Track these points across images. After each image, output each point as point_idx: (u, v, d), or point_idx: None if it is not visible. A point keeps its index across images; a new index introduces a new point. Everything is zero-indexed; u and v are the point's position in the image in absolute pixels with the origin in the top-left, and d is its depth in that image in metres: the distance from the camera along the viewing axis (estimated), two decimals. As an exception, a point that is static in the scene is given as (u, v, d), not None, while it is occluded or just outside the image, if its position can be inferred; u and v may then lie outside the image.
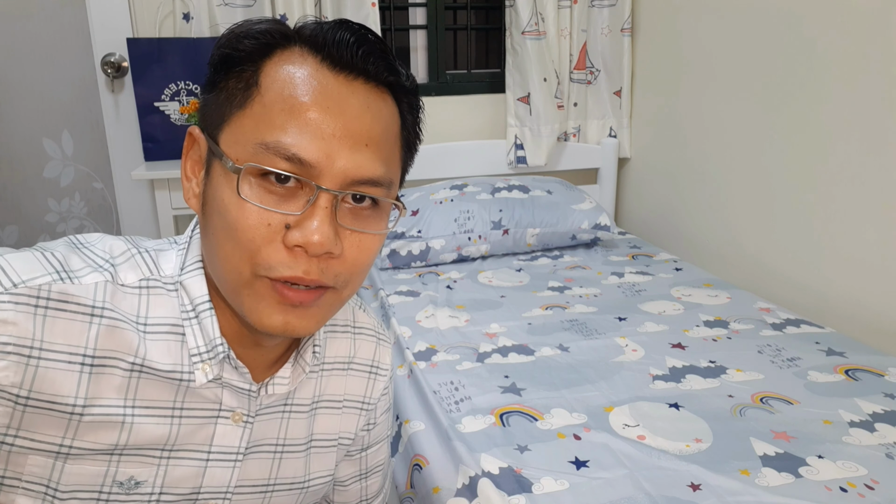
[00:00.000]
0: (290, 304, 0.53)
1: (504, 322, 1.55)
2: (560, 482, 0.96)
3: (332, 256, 0.53)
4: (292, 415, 0.67)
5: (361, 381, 0.72)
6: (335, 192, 0.52)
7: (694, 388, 1.24)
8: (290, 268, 0.52)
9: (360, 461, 0.78)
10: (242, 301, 0.54)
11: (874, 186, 1.50)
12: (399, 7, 2.36)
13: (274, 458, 0.66)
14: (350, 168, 0.52)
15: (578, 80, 2.41)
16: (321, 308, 0.56)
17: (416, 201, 2.05)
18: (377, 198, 0.56)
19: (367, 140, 0.53)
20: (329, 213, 0.52)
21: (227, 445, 0.61)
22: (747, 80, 1.86)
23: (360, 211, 0.55)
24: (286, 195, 0.52)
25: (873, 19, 1.46)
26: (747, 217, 1.90)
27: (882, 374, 1.27)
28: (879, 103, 1.47)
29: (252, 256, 0.52)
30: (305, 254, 0.52)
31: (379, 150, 0.54)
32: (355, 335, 0.72)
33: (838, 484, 0.95)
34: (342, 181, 0.52)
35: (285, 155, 0.51)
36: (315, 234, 0.51)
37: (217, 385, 0.59)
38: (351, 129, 0.52)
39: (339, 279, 0.55)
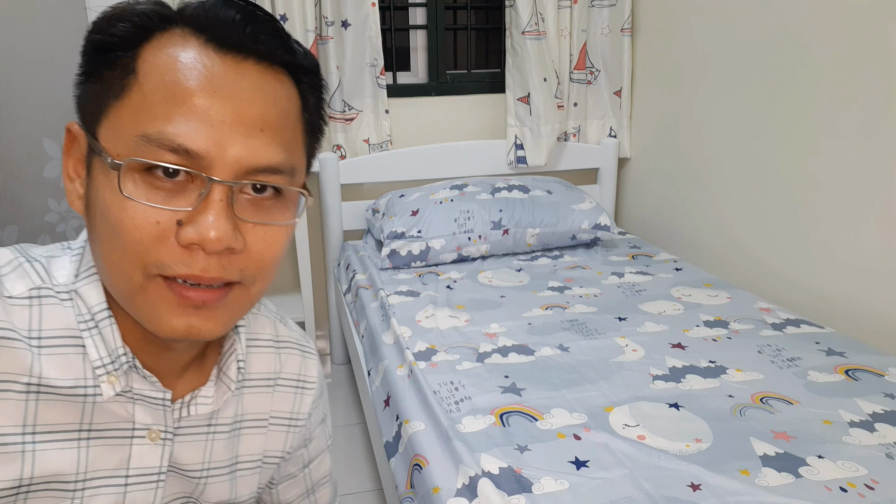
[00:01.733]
0: (193, 305, 0.49)
1: (504, 322, 1.55)
2: (560, 482, 0.96)
3: (234, 252, 0.49)
4: (216, 436, 0.62)
5: (288, 398, 0.68)
6: (229, 182, 0.48)
7: (694, 388, 1.24)
8: (187, 265, 0.47)
9: (304, 479, 0.75)
10: (138, 308, 0.49)
11: (874, 186, 1.50)
12: (399, 7, 2.36)
13: (199, 482, 0.62)
14: (244, 156, 0.48)
15: (578, 80, 2.41)
16: (228, 308, 0.51)
17: (416, 201, 2.05)
18: (279, 186, 0.51)
19: (262, 125, 0.49)
20: (225, 206, 0.48)
21: (145, 467, 0.56)
22: (747, 81, 1.86)
23: (261, 202, 0.51)
24: (175, 190, 0.47)
25: (871, 21, 1.46)
26: (747, 217, 1.90)
27: (882, 374, 1.27)
28: (879, 103, 1.47)
29: (141, 258, 0.47)
30: (202, 252, 0.47)
31: (277, 135, 0.50)
32: (279, 350, 0.68)
33: (838, 484, 0.95)
34: (237, 171, 0.48)
35: (170, 146, 0.46)
36: (210, 230, 0.46)
37: (128, 400, 0.54)
38: (243, 113, 0.48)
39: (245, 274, 0.51)
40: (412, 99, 2.36)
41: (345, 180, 2.23)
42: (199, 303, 0.49)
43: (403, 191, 2.15)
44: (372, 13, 2.15)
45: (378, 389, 1.41)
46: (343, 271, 2.16)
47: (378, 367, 1.46)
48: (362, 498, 1.68)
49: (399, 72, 2.43)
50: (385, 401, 1.33)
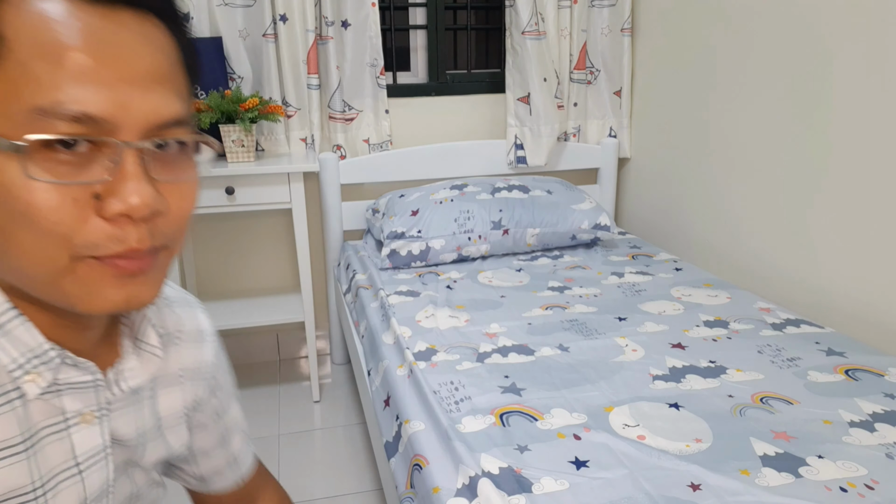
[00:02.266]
0: (129, 274, 0.47)
1: (504, 322, 1.55)
2: (560, 482, 0.96)
3: (159, 215, 0.47)
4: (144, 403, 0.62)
5: (191, 350, 0.68)
6: (140, 144, 0.45)
7: (694, 388, 1.24)
8: (121, 241, 0.45)
9: (218, 428, 0.75)
10: (65, 290, 0.46)
11: (874, 186, 1.50)
12: (399, 7, 2.36)
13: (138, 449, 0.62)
14: (148, 112, 0.45)
15: (578, 80, 2.41)
16: (159, 270, 0.50)
17: (416, 201, 2.05)
18: (184, 139, 0.49)
19: (157, 76, 0.46)
20: (141, 169, 0.45)
21: (91, 448, 0.56)
22: (747, 80, 1.86)
23: (166, 158, 0.48)
24: (81, 162, 0.44)
25: (874, 18, 1.46)
26: (747, 217, 1.90)
27: (882, 374, 1.27)
28: (880, 103, 1.47)
29: (66, 241, 0.44)
30: (131, 221, 0.45)
31: (172, 86, 0.48)
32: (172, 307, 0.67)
33: (838, 484, 0.95)
34: (144, 130, 0.45)
35: (71, 115, 0.42)
36: (134, 197, 0.44)
37: (53, 395, 0.52)
38: (135, 67, 0.45)
39: (168, 236, 0.49)
40: (412, 99, 2.36)
41: (345, 180, 2.23)
42: (136, 270, 0.47)
43: (403, 191, 2.15)
44: (372, 13, 2.15)
45: (378, 389, 1.41)
46: (343, 271, 2.16)
47: (378, 367, 1.46)
48: (362, 498, 1.68)
49: (399, 72, 2.43)
50: (385, 401, 1.33)
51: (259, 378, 2.32)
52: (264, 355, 2.46)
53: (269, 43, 2.05)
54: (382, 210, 2.10)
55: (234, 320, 2.03)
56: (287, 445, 1.91)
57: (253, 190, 1.93)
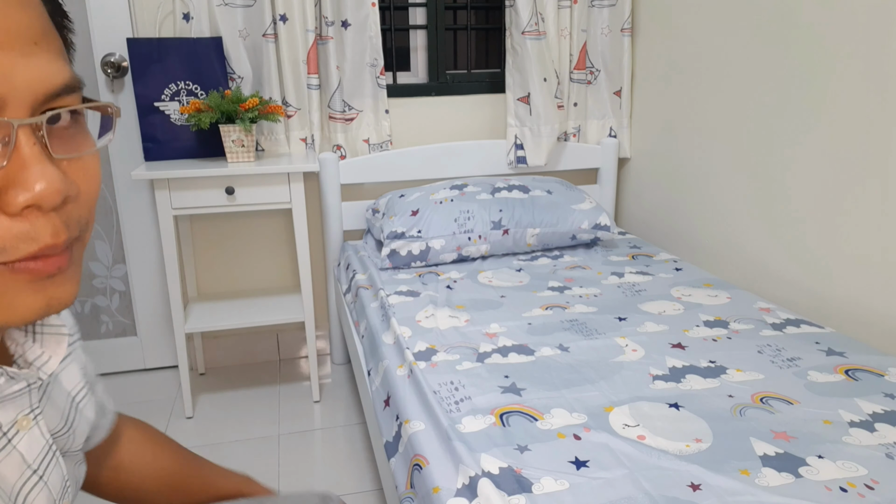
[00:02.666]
0: (46, 276, 0.41)
1: (504, 322, 1.55)
2: (560, 482, 0.96)
3: (70, 200, 0.41)
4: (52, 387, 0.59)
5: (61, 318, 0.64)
6: (33, 120, 0.38)
7: (694, 388, 1.24)
8: (34, 239, 0.39)
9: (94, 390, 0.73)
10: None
11: (874, 186, 1.50)
12: (399, 7, 2.36)
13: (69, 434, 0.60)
14: (34, 81, 0.38)
15: (578, 80, 2.41)
16: (76, 263, 0.44)
17: (416, 201, 2.05)
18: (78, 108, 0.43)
19: (34, 37, 0.39)
20: (41, 149, 0.38)
21: (40, 451, 0.53)
22: (747, 80, 1.86)
23: (63, 132, 0.42)
24: None
25: (875, 20, 1.46)
26: (747, 217, 1.90)
27: (882, 374, 1.27)
28: (880, 103, 1.47)
29: None
30: (40, 213, 0.39)
31: (51, 47, 0.40)
32: None
33: (838, 484, 0.95)
34: (33, 102, 0.39)
35: None
36: (39, 183, 0.37)
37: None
38: (7, 29, 0.37)
39: (81, 223, 0.43)
40: (412, 99, 2.36)
41: (345, 180, 2.23)
42: (52, 271, 0.41)
43: (403, 191, 2.15)
44: (372, 13, 2.15)
45: (378, 389, 1.41)
46: (343, 271, 2.16)
47: (378, 367, 1.46)
48: (362, 498, 1.68)
49: (399, 72, 2.43)
50: (385, 401, 1.33)
51: (259, 378, 2.32)
52: (264, 355, 2.46)
53: (269, 43, 2.05)
54: (382, 210, 2.10)
55: (234, 320, 2.03)
56: (287, 445, 1.91)
57: (253, 190, 1.93)
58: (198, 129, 1.97)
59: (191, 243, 2.27)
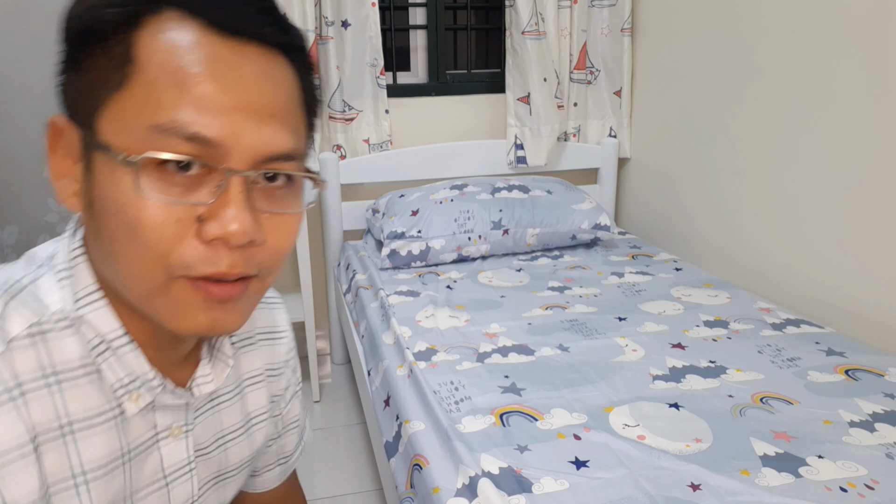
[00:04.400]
0: (217, 300, 0.48)
1: (504, 322, 1.55)
2: (560, 482, 0.96)
3: (255, 244, 0.48)
4: (221, 405, 0.64)
5: (268, 350, 0.71)
6: (248, 173, 0.46)
7: (694, 388, 1.24)
8: (214, 264, 0.46)
9: (275, 423, 0.76)
10: (157, 308, 0.48)
11: (874, 186, 1.50)
12: (399, 7, 2.36)
13: (219, 451, 0.64)
14: (259, 144, 0.47)
15: (578, 80, 2.41)
16: (248, 300, 0.51)
17: (416, 201, 2.05)
18: (292, 174, 0.50)
19: (273, 111, 0.48)
20: (244, 197, 0.46)
21: (178, 462, 0.59)
22: (747, 80, 1.86)
23: (274, 191, 0.50)
24: (191, 184, 0.45)
25: (875, 19, 1.46)
26: (747, 217, 1.90)
27: (882, 374, 1.27)
28: (880, 103, 1.47)
29: (164, 258, 0.45)
30: (226, 246, 0.46)
31: (286, 121, 0.49)
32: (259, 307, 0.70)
33: (838, 484, 0.95)
34: (253, 160, 0.47)
35: (184, 135, 0.44)
36: (233, 223, 0.45)
37: (148, 410, 0.56)
38: (253, 100, 0.46)
39: (262, 267, 0.50)
40: (412, 99, 2.36)
41: (345, 180, 2.23)
42: (224, 297, 0.48)
43: (403, 191, 2.15)
44: (372, 13, 2.15)
45: (378, 389, 1.41)
46: (343, 271, 2.16)
47: (378, 367, 1.46)
48: (362, 498, 1.68)
49: (399, 72, 2.43)
50: (385, 401, 1.33)
51: (259, 378, 2.32)
52: (264, 355, 2.45)
53: (269, 43, 2.05)
54: (382, 210, 2.10)
55: (234, 320, 2.03)
56: (287, 445, 1.91)
57: (253, 190, 1.93)
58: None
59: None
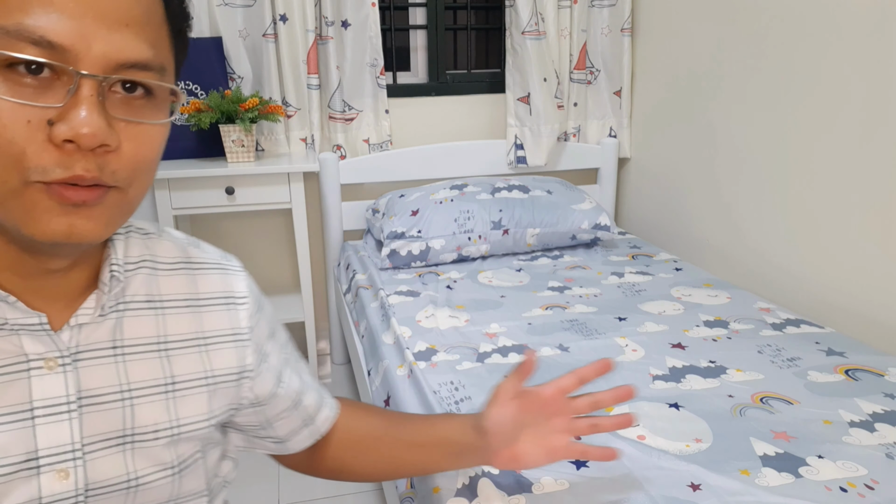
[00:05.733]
0: (72, 204, 0.48)
1: (504, 322, 1.55)
2: (560, 482, 0.96)
3: (109, 150, 0.48)
4: (127, 357, 0.60)
5: (220, 315, 0.67)
6: (98, 76, 0.47)
7: (694, 388, 1.24)
8: (67, 168, 0.46)
9: (285, 394, 0.74)
10: (12, 213, 0.48)
11: (874, 186, 1.50)
12: (399, 7, 2.36)
13: (122, 406, 0.59)
14: (111, 51, 0.47)
15: (578, 80, 2.41)
16: (107, 208, 0.50)
17: (416, 201, 2.05)
18: (150, 84, 0.50)
19: (127, 20, 0.48)
20: (96, 101, 0.47)
21: (50, 398, 0.55)
22: (747, 80, 1.86)
23: (132, 101, 0.50)
24: (41, 87, 0.46)
25: (873, 19, 1.46)
26: (747, 217, 1.90)
27: (882, 374, 1.27)
28: (879, 103, 1.47)
29: (17, 161, 0.45)
30: (78, 150, 0.47)
31: (142, 31, 0.49)
32: (193, 272, 0.67)
33: (838, 484, 0.95)
34: (104, 65, 0.47)
35: (31, 38, 0.44)
36: (84, 126, 0.46)
37: (10, 332, 0.53)
38: (106, 7, 0.47)
39: (118, 177, 0.50)
40: (412, 99, 2.36)
41: (345, 180, 2.24)
42: (78, 201, 0.48)
43: (403, 191, 2.15)
44: (372, 13, 2.15)
45: (378, 389, 1.41)
46: (343, 271, 2.16)
47: (378, 367, 1.46)
48: (362, 498, 1.68)
49: (399, 72, 2.43)
50: (385, 401, 1.33)
51: (259, 378, 2.32)
52: (264, 355, 2.46)
53: (269, 43, 2.05)
54: (382, 210, 2.10)
55: (234, 320, 2.03)
56: (287, 445, 1.91)
57: (253, 190, 1.93)
58: (198, 129, 1.97)
59: (191, 243, 2.27)
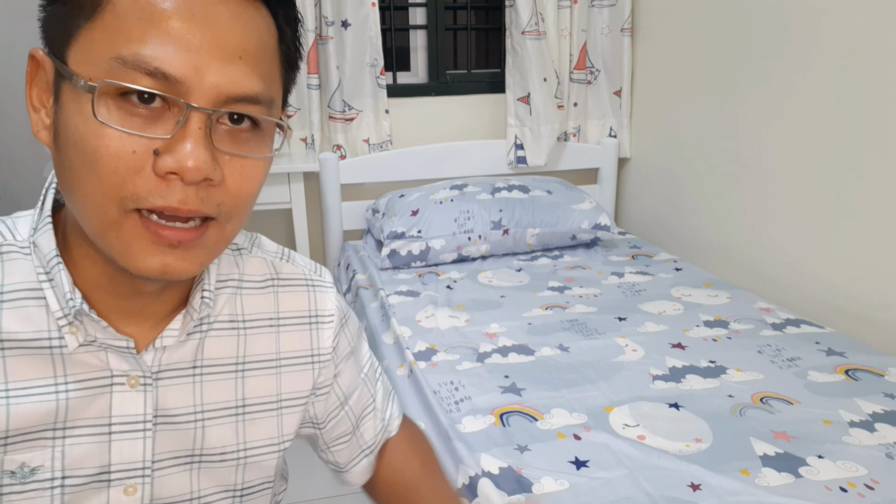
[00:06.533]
0: (168, 244, 0.48)
1: (504, 322, 1.55)
2: (560, 482, 0.96)
3: (212, 184, 0.48)
4: (205, 377, 0.60)
5: (301, 336, 0.66)
6: (208, 110, 0.47)
7: (694, 388, 1.24)
8: (163, 196, 0.46)
9: (347, 416, 0.74)
10: (111, 244, 0.48)
11: (874, 186, 1.50)
12: (399, 7, 2.36)
13: (195, 427, 0.60)
14: (223, 83, 0.47)
15: (578, 80, 2.41)
16: (203, 247, 0.50)
17: (416, 201, 2.05)
18: (258, 118, 0.50)
19: (241, 53, 0.48)
20: (203, 134, 0.47)
21: (129, 415, 0.56)
22: (747, 80, 1.86)
23: (238, 133, 0.50)
24: (151, 117, 0.46)
25: (873, 18, 1.46)
26: (747, 217, 1.90)
27: (882, 374, 1.27)
28: (879, 103, 1.47)
29: (118, 189, 0.45)
30: (181, 182, 0.46)
31: (255, 65, 0.49)
32: (277, 289, 0.66)
33: (838, 484, 0.95)
34: (215, 99, 0.47)
35: (147, 69, 0.44)
36: (189, 159, 0.45)
37: (99, 349, 0.54)
38: (221, 40, 0.47)
39: (221, 210, 0.49)
40: (412, 99, 2.36)
41: (345, 180, 2.23)
42: (174, 242, 0.48)
43: (403, 191, 2.15)
44: (372, 13, 2.15)
45: (378, 389, 1.41)
46: (343, 271, 2.16)
47: (378, 367, 1.46)
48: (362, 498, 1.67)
49: (399, 72, 2.43)
50: (385, 401, 1.33)
51: (259, 378, 2.32)
52: (264, 355, 2.45)
53: (269, 43, 2.05)
54: (382, 210, 2.10)
55: (234, 320, 2.03)
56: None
57: (253, 190, 1.92)
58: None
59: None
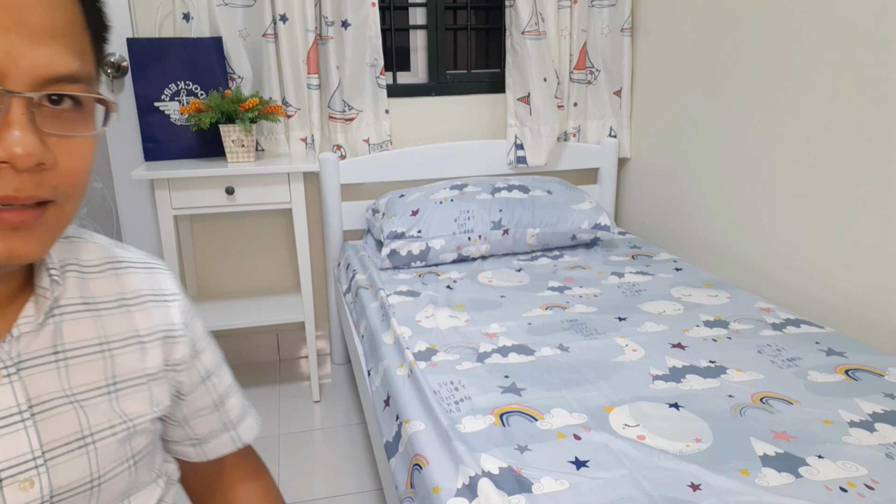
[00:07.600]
0: (10, 227, 0.47)
1: (504, 322, 1.55)
2: (560, 482, 0.96)
3: (45, 168, 0.48)
4: (70, 361, 0.60)
5: (150, 313, 0.67)
6: (29, 94, 0.46)
7: (694, 388, 1.24)
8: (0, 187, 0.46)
9: (209, 391, 0.75)
10: None
11: (874, 186, 1.50)
12: (399, 7, 2.36)
13: (75, 409, 0.59)
14: (39, 66, 0.46)
15: (578, 80, 2.41)
16: (46, 228, 0.50)
17: (416, 201, 2.05)
18: (79, 96, 0.50)
19: (52, 32, 0.47)
20: (28, 119, 0.46)
21: (2, 409, 0.55)
22: (748, 80, 1.86)
23: (61, 114, 0.49)
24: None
25: (873, 19, 1.46)
26: (747, 217, 1.90)
27: (882, 374, 1.27)
28: (879, 103, 1.47)
29: None
30: (13, 170, 0.46)
31: (68, 42, 0.48)
32: (118, 271, 0.66)
33: (838, 484, 0.95)
34: (33, 81, 0.46)
35: None
36: (18, 146, 0.45)
37: None
38: (29, 20, 0.45)
39: (58, 192, 0.49)
40: (412, 99, 2.36)
41: (345, 180, 2.23)
42: (16, 223, 0.48)
43: (403, 191, 2.15)
44: (372, 13, 2.15)
45: (378, 389, 1.41)
46: (343, 271, 2.16)
47: (378, 367, 1.46)
48: (362, 498, 1.68)
49: (399, 72, 2.43)
50: (385, 401, 1.33)
51: (259, 378, 2.32)
52: (264, 355, 2.46)
53: (269, 43, 2.05)
54: (382, 210, 2.10)
55: (234, 320, 2.03)
56: (287, 445, 1.91)
57: (253, 190, 1.93)
58: (198, 129, 1.97)
59: (191, 243, 2.27)
